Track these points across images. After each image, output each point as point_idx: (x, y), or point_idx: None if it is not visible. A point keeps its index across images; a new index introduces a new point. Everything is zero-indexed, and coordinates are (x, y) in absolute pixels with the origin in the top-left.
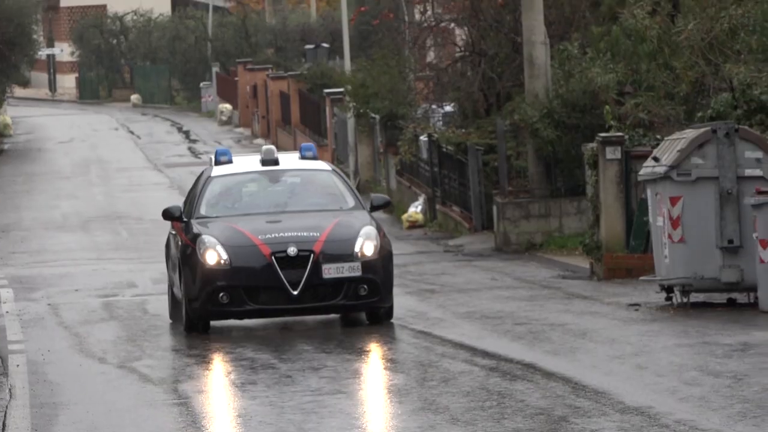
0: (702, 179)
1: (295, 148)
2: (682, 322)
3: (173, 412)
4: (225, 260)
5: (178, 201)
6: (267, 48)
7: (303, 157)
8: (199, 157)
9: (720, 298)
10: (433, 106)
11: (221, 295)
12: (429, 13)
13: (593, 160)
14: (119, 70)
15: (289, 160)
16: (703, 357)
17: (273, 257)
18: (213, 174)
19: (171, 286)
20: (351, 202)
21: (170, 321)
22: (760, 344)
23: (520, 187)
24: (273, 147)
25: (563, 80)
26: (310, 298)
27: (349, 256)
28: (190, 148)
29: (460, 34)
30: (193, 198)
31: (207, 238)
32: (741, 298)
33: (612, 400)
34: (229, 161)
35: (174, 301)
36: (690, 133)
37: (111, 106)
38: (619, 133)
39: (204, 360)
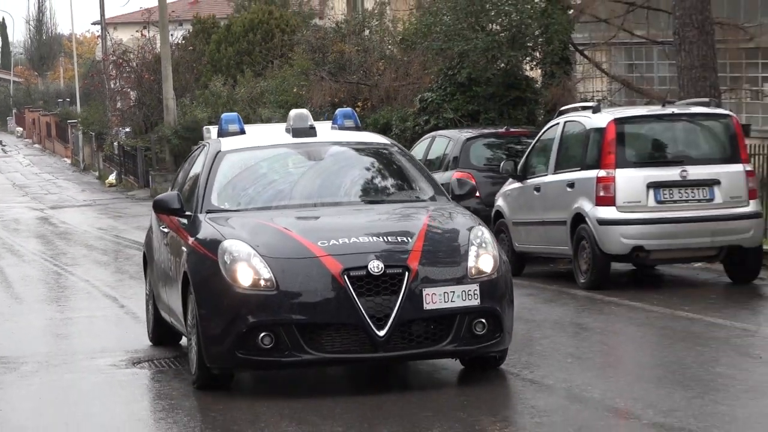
0: None
1: (54, 151)
2: None
3: None
4: (268, 281)
5: None
6: (39, 101)
7: (341, 127)
8: (7, 153)
9: None
10: (121, 129)
11: (262, 336)
12: (118, 83)
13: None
14: None
15: (325, 130)
16: None
17: (345, 277)
18: (224, 148)
19: (153, 299)
20: (429, 189)
21: (150, 343)
22: None
23: (162, 167)
24: (306, 111)
25: (182, 116)
26: (401, 341)
27: (460, 274)
28: (1, 149)
29: (133, 94)
30: (194, 183)
31: (235, 246)
32: None
33: None
34: (241, 131)
35: (159, 319)
36: None
37: None
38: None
39: (15, 250)
